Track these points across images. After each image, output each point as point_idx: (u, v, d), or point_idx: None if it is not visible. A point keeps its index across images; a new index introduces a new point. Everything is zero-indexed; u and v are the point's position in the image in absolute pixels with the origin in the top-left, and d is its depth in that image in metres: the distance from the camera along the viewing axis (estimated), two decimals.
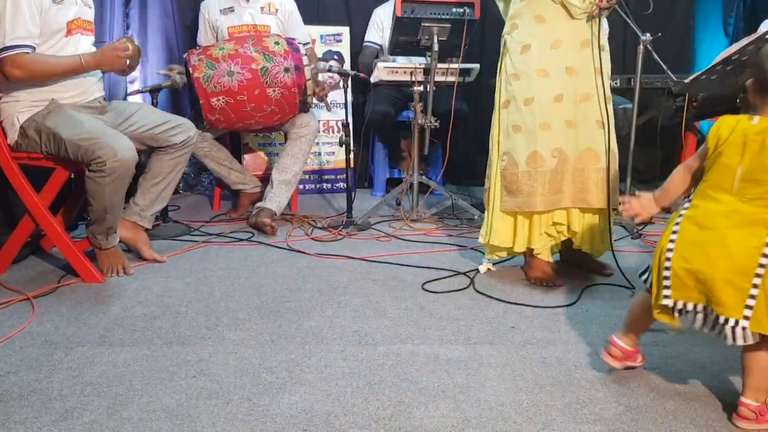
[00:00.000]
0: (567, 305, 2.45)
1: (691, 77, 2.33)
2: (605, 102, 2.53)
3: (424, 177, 3.74)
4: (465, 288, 2.62)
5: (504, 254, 2.78)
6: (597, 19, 2.50)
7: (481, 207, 3.58)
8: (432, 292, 2.57)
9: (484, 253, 2.88)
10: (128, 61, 2.66)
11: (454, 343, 2.12)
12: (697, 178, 1.73)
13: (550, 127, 2.51)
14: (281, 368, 1.92)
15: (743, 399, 1.67)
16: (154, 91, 3.41)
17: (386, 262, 2.93)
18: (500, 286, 2.65)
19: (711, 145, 1.65)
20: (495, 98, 2.67)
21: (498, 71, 2.66)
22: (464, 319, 2.32)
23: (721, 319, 1.57)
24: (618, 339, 1.90)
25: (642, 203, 1.87)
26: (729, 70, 2.21)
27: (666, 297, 1.66)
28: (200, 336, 2.14)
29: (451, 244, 3.25)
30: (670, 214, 3.48)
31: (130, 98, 3.75)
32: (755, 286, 1.53)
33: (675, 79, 3.34)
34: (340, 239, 3.29)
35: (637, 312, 1.88)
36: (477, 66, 3.83)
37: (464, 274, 2.78)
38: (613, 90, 3.82)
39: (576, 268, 2.83)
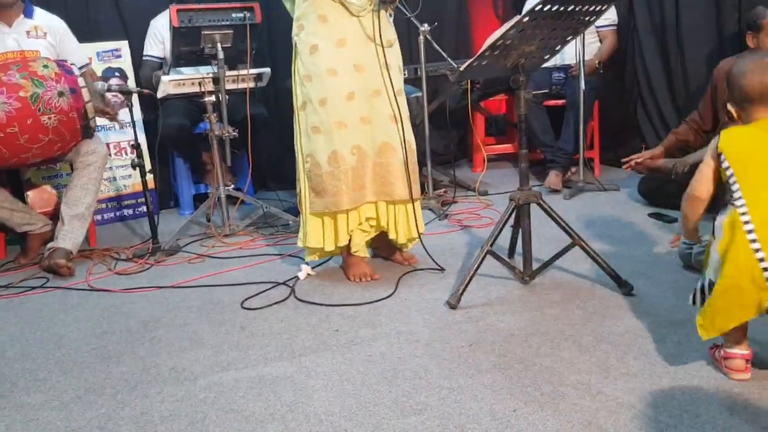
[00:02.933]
0: (386, 298, 2.49)
1: (465, 64, 2.44)
2: (395, 95, 2.59)
3: (231, 188, 3.62)
4: (286, 298, 2.57)
5: (325, 255, 2.77)
6: (378, 15, 2.55)
7: (293, 211, 3.55)
8: (252, 309, 2.49)
9: (302, 258, 2.85)
10: None
11: (278, 360, 2.06)
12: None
13: (346, 126, 2.54)
14: (91, 426, 1.75)
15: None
16: None
17: (201, 286, 2.80)
18: (321, 290, 2.64)
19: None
20: (293, 101, 2.66)
21: (292, 73, 2.64)
22: (287, 331, 2.27)
23: None
24: (735, 349, 1.75)
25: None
26: (497, 55, 2.34)
27: None
28: None
29: (268, 254, 3.18)
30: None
31: None
32: None
33: (455, 65, 3.52)
34: (148, 269, 3.08)
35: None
36: (268, 70, 3.77)
37: (284, 283, 2.73)
38: (404, 80, 3.96)
39: (389, 260, 2.90)
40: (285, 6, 2.68)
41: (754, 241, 1.60)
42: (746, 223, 1.62)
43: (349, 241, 2.68)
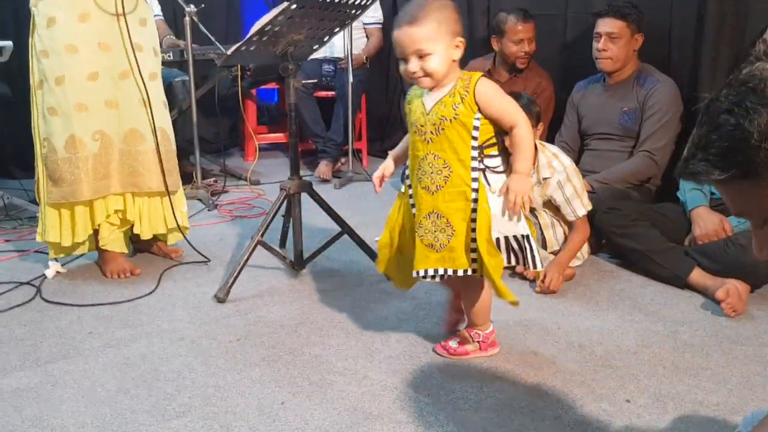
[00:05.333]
0: (147, 294, 2.33)
1: (232, 49, 2.37)
2: (148, 79, 2.41)
3: None
4: (30, 300, 2.30)
5: (72, 252, 2.51)
6: None
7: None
8: None
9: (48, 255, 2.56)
10: None
11: (20, 370, 1.83)
12: None
13: (87, 108, 2.31)
14: None
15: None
16: None
17: None
18: (72, 289, 2.39)
19: None
20: (30, 78, 2.36)
21: (29, 47, 2.35)
22: (31, 337, 2.03)
23: None
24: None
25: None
26: (266, 41, 2.29)
27: None
28: None
29: (10, 250, 2.81)
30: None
31: None
32: None
33: (223, 50, 3.41)
34: None
35: None
36: (9, 43, 3.33)
37: (28, 283, 2.43)
38: (169, 63, 3.74)
39: (152, 254, 2.72)
40: None
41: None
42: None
43: (97, 235, 2.46)
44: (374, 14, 4.30)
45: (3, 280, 2.47)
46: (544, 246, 2.52)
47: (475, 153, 1.68)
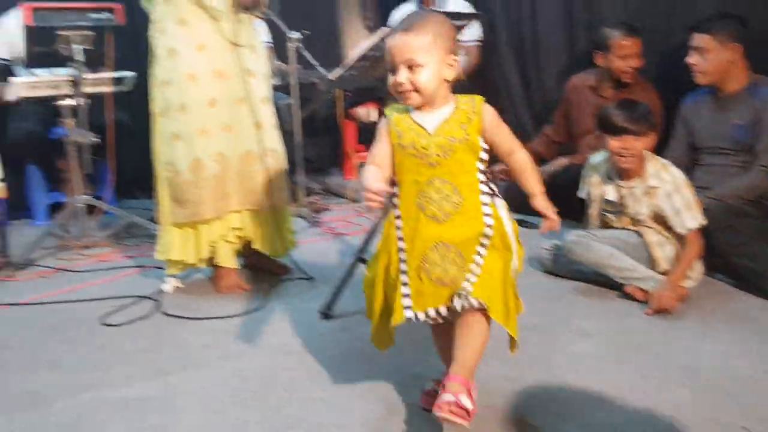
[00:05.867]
0: (257, 309, 2.45)
1: (336, 75, 2.47)
2: (261, 103, 2.55)
3: (91, 198, 3.42)
4: (151, 313, 2.46)
5: (187, 267, 2.66)
6: (243, 21, 2.50)
7: None
8: (114, 325, 2.36)
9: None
10: None
11: (143, 379, 1.96)
12: None
13: (208, 133, 2.47)
14: None
15: None
16: None
17: (56, 302, 2.61)
18: (188, 303, 2.54)
19: None
20: (150, 106, 2.55)
21: (150, 77, 2.54)
22: (153, 348, 2.17)
23: None
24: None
25: None
26: (367, 66, 2.38)
27: None
28: None
29: (132, 266, 3.03)
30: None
31: None
32: None
33: (326, 74, 3.54)
34: None
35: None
36: (132, 73, 3.61)
37: (149, 297, 2.61)
38: (275, 87, 3.91)
39: (261, 270, 2.85)
40: (143, 5, 2.58)
41: None
42: None
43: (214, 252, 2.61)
44: (474, 32, 4.31)
45: (125, 294, 2.65)
46: (652, 266, 2.44)
47: (482, 177, 1.58)
